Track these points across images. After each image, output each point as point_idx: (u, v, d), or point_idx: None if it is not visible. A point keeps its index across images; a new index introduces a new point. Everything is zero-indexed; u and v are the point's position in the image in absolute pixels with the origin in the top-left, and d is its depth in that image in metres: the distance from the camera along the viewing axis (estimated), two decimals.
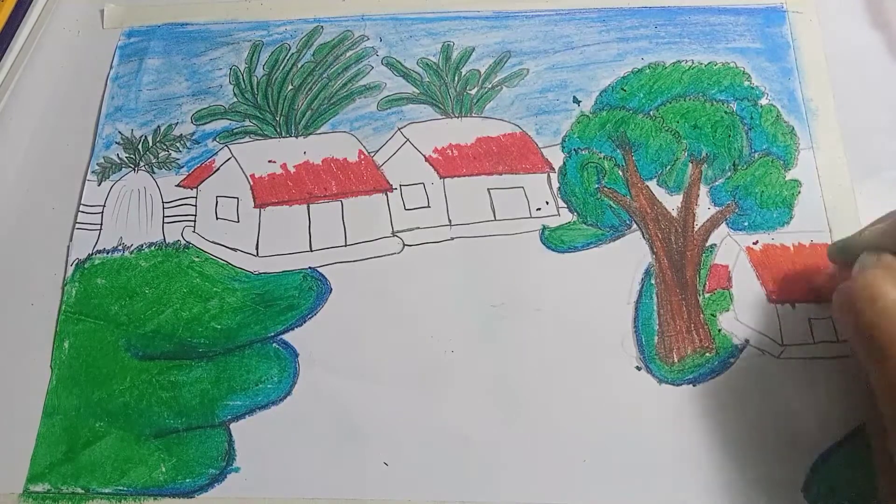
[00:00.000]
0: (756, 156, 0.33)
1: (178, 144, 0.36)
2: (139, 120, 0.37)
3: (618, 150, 0.34)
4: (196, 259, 0.33)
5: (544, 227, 0.33)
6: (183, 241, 0.34)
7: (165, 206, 0.35)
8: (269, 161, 0.35)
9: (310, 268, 0.33)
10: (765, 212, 0.32)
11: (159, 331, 0.32)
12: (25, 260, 0.34)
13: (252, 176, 0.35)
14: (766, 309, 0.31)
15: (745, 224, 0.32)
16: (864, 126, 0.34)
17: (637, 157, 0.34)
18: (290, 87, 0.37)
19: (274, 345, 0.32)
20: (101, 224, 0.35)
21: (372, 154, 0.35)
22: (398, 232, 0.33)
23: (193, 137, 0.36)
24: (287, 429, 0.30)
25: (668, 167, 0.34)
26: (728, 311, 0.31)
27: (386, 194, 0.34)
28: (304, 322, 0.32)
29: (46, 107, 0.38)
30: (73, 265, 0.34)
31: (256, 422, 0.30)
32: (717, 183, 0.33)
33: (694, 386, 0.30)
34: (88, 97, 0.38)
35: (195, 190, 0.35)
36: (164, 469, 0.30)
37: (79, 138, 0.37)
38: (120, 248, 0.34)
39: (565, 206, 0.33)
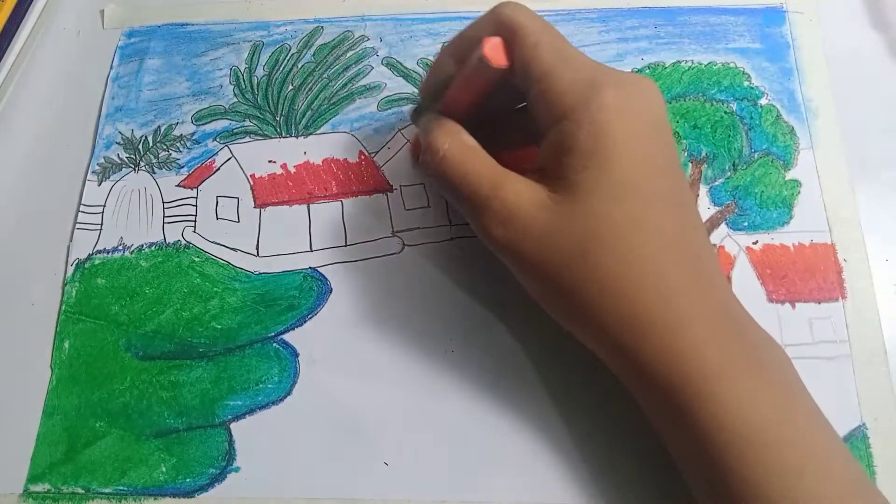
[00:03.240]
0: (756, 156, 0.33)
1: (178, 144, 0.36)
2: (139, 120, 0.37)
3: None
4: (196, 259, 0.33)
5: None
6: (183, 241, 0.34)
7: (166, 206, 0.35)
8: (270, 161, 0.35)
9: (310, 268, 0.33)
10: (765, 212, 0.32)
11: (159, 331, 0.32)
12: (25, 260, 0.34)
13: (252, 176, 0.35)
14: (766, 309, 0.31)
15: (745, 224, 0.32)
16: (864, 126, 0.34)
17: None
18: (291, 87, 0.37)
19: (274, 345, 0.32)
20: (102, 224, 0.35)
21: (372, 154, 0.35)
22: (398, 232, 0.33)
23: (194, 137, 0.36)
24: (287, 429, 0.30)
25: None
26: None
27: (386, 194, 0.34)
28: (304, 322, 0.32)
29: (46, 107, 0.38)
30: (74, 265, 0.34)
31: (256, 422, 0.30)
32: (716, 183, 0.33)
33: None
34: (88, 97, 0.38)
35: (195, 190, 0.35)
36: (164, 469, 0.30)
37: (79, 138, 0.37)
38: (120, 248, 0.34)
39: None
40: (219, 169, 0.35)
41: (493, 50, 0.26)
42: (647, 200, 0.24)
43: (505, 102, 0.28)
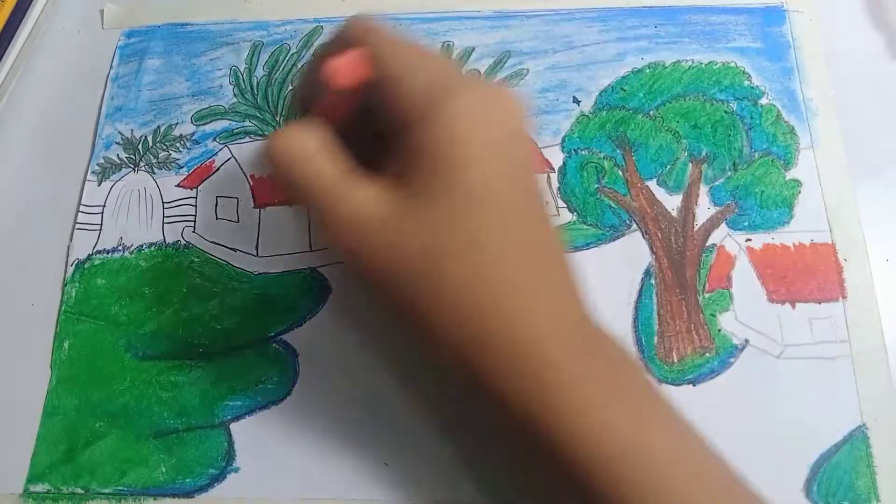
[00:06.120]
0: (756, 155, 0.33)
1: (178, 144, 0.36)
2: (139, 120, 0.37)
3: (618, 150, 0.34)
4: (196, 259, 0.33)
5: None
6: (183, 242, 0.34)
7: (165, 206, 0.35)
8: None
9: (310, 268, 0.33)
10: (765, 211, 0.32)
11: (159, 331, 0.32)
12: (25, 260, 0.34)
13: (252, 176, 0.35)
14: (766, 309, 0.31)
15: (745, 224, 0.32)
16: (864, 126, 0.34)
17: (637, 156, 0.34)
18: (291, 87, 0.37)
19: (274, 345, 0.32)
20: (101, 224, 0.35)
21: None
22: None
23: (193, 138, 0.36)
24: (287, 429, 0.30)
25: (668, 167, 0.34)
26: (728, 310, 0.31)
27: None
28: (304, 322, 0.32)
29: (46, 107, 0.38)
30: (73, 265, 0.34)
31: (256, 422, 0.30)
32: (717, 183, 0.33)
33: (694, 386, 0.30)
34: (88, 97, 0.38)
35: (195, 190, 0.35)
36: (164, 469, 0.30)
37: (79, 138, 0.37)
38: (120, 248, 0.34)
39: (565, 205, 0.33)
40: (218, 169, 0.35)
41: (345, 68, 0.25)
42: (495, 213, 0.23)
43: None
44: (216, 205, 0.34)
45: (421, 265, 0.23)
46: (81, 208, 0.35)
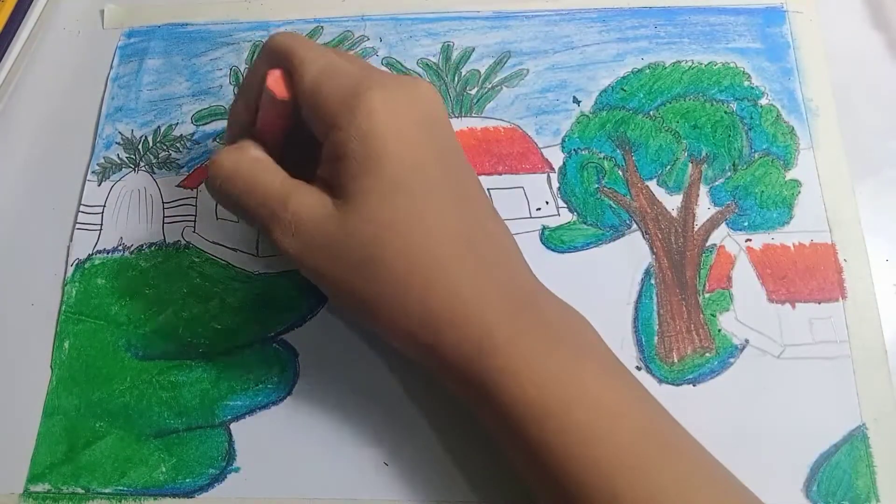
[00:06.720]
0: (756, 156, 0.33)
1: (178, 145, 0.36)
2: (139, 120, 0.37)
3: (618, 150, 0.34)
4: (196, 259, 0.33)
5: (544, 228, 0.33)
6: (183, 242, 0.34)
7: (166, 206, 0.35)
8: None
9: None
10: (765, 212, 0.32)
11: (159, 331, 0.32)
12: (25, 260, 0.34)
13: None
14: (766, 309, 0.31)
15: (745, 224, 0.32)
16: (864, 126, 0.34)
17: (637, 157, 0.34)
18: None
19: (274, 345, 0.32)
20: (102, 224, 0.35)
21: None
22: None
23: (194, 138, 0.36)
24: (287, 429, 0.30)
25: (668, 167, 0.34)
26: (728, 310, 0.31)
27: None
28: (304, 322, 0.32)
29: (46, 107, 0.38)
30: (74, 265, 0.34)
31: (256, 422, 0.30)
32: (717, 183, 0.33)
33: (694, 386, 0.30)
34: (88, 97, 0.38)
35: (195, 190, 0.35)
36: (164, 469, 0.30)
37: (79, 138, 0.37)
38: (120, 248, 0.34)
39: (565, 206, 0.33)
40: None
41: (276, 82, 0.26)
42: (423, 197, 0.24)
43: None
44: (216, 205, 0.34)
45: (363, 254, 0.24)
46: (81, 208, 0.35)
